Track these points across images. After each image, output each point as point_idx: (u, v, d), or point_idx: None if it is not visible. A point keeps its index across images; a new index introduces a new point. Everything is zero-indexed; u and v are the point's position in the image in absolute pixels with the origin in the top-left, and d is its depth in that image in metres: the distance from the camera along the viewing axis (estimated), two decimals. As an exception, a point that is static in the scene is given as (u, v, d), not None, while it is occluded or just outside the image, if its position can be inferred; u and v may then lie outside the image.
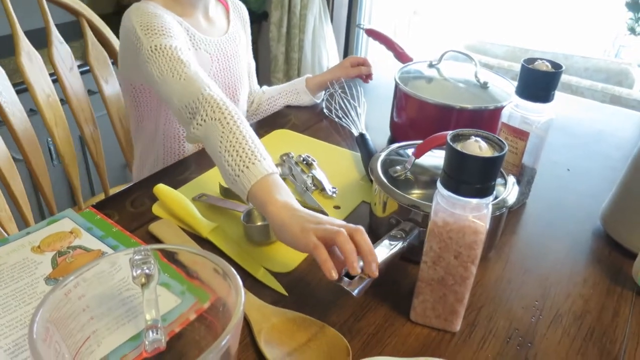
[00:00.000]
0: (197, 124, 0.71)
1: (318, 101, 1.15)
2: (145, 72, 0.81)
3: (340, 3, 2.10)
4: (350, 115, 1.04)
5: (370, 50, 2.21)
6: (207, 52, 0.97)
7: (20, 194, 1.07)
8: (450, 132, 0.52)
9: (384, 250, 0.61)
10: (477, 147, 0.50)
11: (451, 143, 0.51)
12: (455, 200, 0.52)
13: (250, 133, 0.68)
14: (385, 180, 0.70)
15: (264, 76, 2.16)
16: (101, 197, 1.31)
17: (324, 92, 1.16)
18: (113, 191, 1.33)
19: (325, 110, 1.11)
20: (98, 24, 1.19)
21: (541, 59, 0.74)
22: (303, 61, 2.07)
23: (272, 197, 0.61)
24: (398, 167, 0.73)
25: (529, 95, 0.74)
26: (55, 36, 1.12)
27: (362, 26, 1.14)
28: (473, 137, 0.52)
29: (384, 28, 2.32)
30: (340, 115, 1.06)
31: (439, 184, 0.54)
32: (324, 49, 2.05)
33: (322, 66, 2.07)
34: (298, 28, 2.03)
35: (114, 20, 0.91)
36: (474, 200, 0.51)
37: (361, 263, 0.55)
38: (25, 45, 1.07)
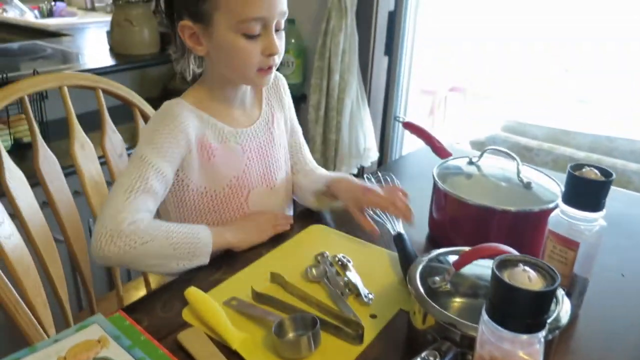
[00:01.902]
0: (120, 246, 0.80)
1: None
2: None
3: (377, 87, 2.14)
4: (387, 213, 1.01)
5: (407, 133, 2.22)
6: (238, 144, 0.96)
7: (59, 277, 1.07)
8: (496, 258, 0.49)
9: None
10: (526, 277, 0.47)
11: (497, 271, 0.47)
12: (502, 334, 0.48)
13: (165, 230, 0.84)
14: (423, 293, 0.67)
15: (301, 156, 2.19)
16: (140, 281, 1.30)
17: None
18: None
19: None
20: (150, 113, 1.24)
21: (589, 166, 0.71)
22: (340, 142, 2.09)
23: (223, 236, 0.90)
24: (437, 278, 0.69)
25: (577, 204, 0.70)
26: (109, 125, 1.17)
27: (399, 119, 1.14)
28: (521, 264, 0.49)
29: (421, 106, 2.33)
30: (377, 212, 1.03)
31: (484, 312, 0.50)
32: (361, 131, 2.07)
33: (359, 148, 2.08)
34: (336, 110, 2.07)
35: (159, 104, 0.94)
36: (524, 336, 0.47)
37: None
38: (79, 135, 1.12)
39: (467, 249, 0.73)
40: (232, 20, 0.83)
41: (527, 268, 0.48)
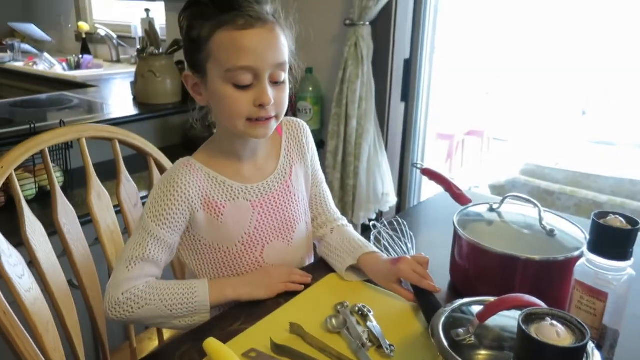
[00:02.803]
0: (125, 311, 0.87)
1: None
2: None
3: (395, 132, 2.15)
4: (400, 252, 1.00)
5: (425, 177, 2.21)
6: (247, 200, 0.94)
7: (75, 330, 1.07)
8: (522, 312, 0.48)
9: None
10: (555, 332, 0.45)
11: (523, 326, 0.46)
12: (532, 392, 0.46)
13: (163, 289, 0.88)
14: (446, 346, 0.65)
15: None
16: (154, 331, 1.29)
17: (372, 232, 1.11)
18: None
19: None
20: (164, 163, 1.26)
21: (614, 213, 0.70)
22: (358, 188, 2.09)
23: (222, 293, 0.90)
24: (461, 331, 0.67)
25: (604, 253, 0.68)
26: (124, 175, 1.20)
27: (418, 166, 1.14)
28: (548, 318, 0.47)
29: (438, 150, 2.33)
30: (394, 252, 1.01)
31: (511, 369, 0.48)
32: (379, 177, 2.07)
33: (378, 193, 2.08)
34: (353, 156, 2.08)
35: (179, 151, 0.96)
36: (555, 395, 0.45)
37: None
38: (96, 186, 1.15)
39: (490, 299, 0.72)
40: (221, 69, 0.83)
41: (555, 322, 0.46)
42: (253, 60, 0.82)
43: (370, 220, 2.08)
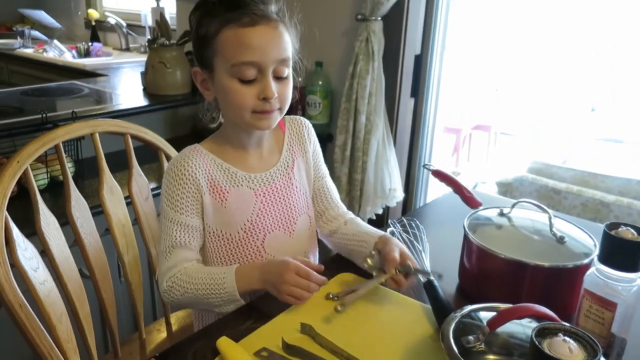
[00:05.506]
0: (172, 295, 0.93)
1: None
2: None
3: (403, 128, 2.15)
4: (415, 259, 1.01)
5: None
6: (251, 189, 0.97)
7: (86, 318, 1.09)
8: (535, 325, 0.49)
9: None
10: (567, 348, 0.46)
11: (536, 341, 0.47)
12: (543, 405, 0.47)
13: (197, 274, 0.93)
14: (457, 353, 0.66)
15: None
16: (162, 322, 1.31)
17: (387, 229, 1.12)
18: (176, 314, 1.33)
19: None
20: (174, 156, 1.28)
21: (625, 225, 0.71)
22: (366, 182, 2.10)
23: (249, 284, 0.90)
24: (471, 338, 0.68)
25: (614, 264, 0.69)
26: (136, 169, 1.22)
27: (428, 167, 1.15)
28: (561, 334, 0.48)
29: (445, 143, 2.32)
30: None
31: (522, 381, 0.49)
32: (387, 172, 2.07)
33: (385, 188, 2.08)
34: (362, 151, 2.08)
35: (188, 142, 0.99)
36: (566, 409, 0.46)
37: None
38: (108, 180, 1.17)
39: (501, 305, 0.73)
40: (227, 64, 0.87)
41: (567, 338, 0.47)
42: (257, 55, 0.86)
43: (377, 215, 2.10)
